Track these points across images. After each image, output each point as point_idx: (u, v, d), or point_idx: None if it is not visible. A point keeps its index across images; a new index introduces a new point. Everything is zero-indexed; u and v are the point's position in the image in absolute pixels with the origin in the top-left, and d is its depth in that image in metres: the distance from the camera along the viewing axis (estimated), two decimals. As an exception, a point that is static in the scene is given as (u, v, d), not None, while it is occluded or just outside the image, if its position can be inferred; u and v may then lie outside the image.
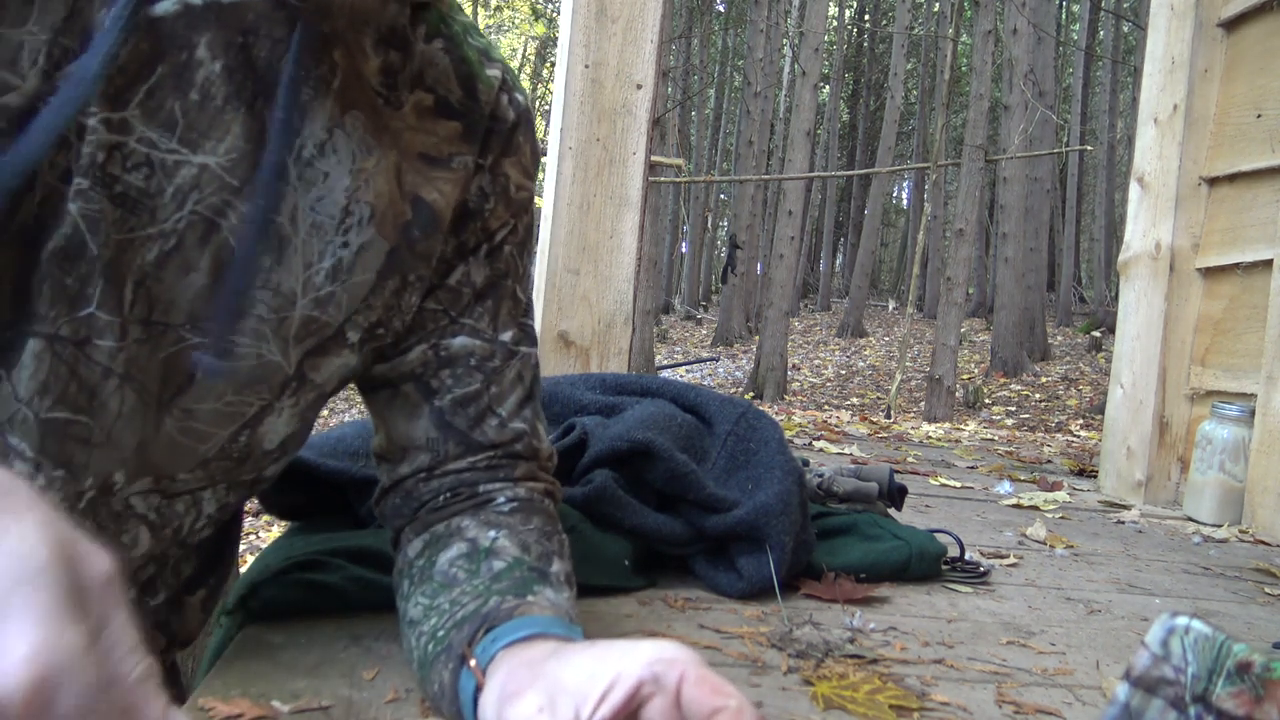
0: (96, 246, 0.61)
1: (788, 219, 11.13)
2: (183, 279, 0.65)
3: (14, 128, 0.57)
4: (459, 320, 0.81)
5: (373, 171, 0.71)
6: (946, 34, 9.92)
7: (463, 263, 0.81)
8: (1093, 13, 20.88)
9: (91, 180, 0.60)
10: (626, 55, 2.27)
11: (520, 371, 0.84)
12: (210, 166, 0.64)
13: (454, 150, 0.78)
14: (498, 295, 0.83)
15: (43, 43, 0.58)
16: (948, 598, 1.23)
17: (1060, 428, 8.03)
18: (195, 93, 0.63)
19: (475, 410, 0.81)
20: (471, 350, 0.81)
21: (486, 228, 0.82)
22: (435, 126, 0.76)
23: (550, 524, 0.82)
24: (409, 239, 0.75)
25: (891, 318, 22.26)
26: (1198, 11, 2.38)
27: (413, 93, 0.75)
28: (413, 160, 0.75)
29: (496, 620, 0.66)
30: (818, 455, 2.66)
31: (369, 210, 0.72)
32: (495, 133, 0.81)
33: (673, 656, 0.53)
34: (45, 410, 0.62)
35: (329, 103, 0.69)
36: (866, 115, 29.71)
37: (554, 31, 23.44)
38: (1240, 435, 2.12)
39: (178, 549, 0.77)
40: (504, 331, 0.83)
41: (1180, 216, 2.39)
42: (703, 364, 14.78)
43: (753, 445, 1.25)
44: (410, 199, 0.75)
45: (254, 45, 0.65)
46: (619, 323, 2.27)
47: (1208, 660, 0.56)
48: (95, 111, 0.60)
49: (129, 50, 0.60)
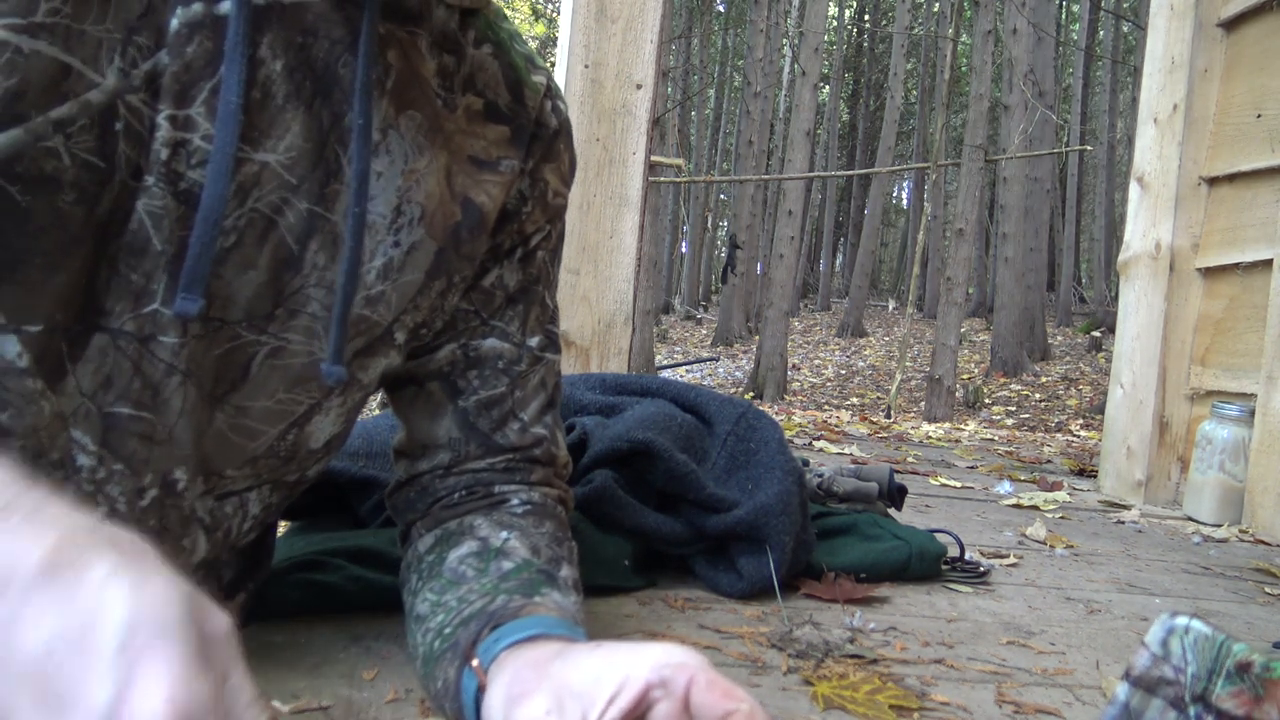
0: (160, 242, 0.61)
1: (788, 219, 11.13)
2: (242, 275, 0.65)
3: (96, 124, 0.58)
4: (490, 322, 0.82)
5: (424, 172, 0.72)
6: (946, 34, 9.92)
7: (497, 265, 0.82)
8: (1093, 13, 20.87)
9: (156, 176, 0.61)
10: (626, 55, 2.27)
11: (544, 378, 0.85)
12: (270, 164, 0.64)
13: (502, 154, 0.79)
14: (529, 300, 0.84)
15: (118, 40, 0.58)
16: (948, 598, 1.23)
17: (1060, 428, 8.03)
18: (257, 91, 0.63)
19: (499, 413, 0.82)
20: (500, 353, 0.82)
21: (522, 231, 0.83)
22: (485, 130, 0.77)
23: (561, 530, 0.82)
24: (456, 240, 0.76)
25: (891, 318, 22.26)
26: (1197, 11, 2.38)
27: (464, 96, 0.76)
28: (463, 162, 0.76)
29: (502, 619, 0.66)
30: (818, 455, 2.66)
31: (419, 210, 0.72)
32: (539, 138, 0.82)
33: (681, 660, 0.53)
34: (109, 405, 0.62)
35: (384, 103, 0.69)
36: (866, 115, 29.70)
37: (554, 31, 23.43)
38: (1240, 435, 2.12)
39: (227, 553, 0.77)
40: (532, 337, 0.84)
41: (1180, 216, 2.39)
42: (703, 364, 14.78)
43: (753, 445, 1.25)
44: (460, 200, 0.76)
45: (313, 45, 0.66)
46: (619, 323, 2.27)
47: (1207, 660, 0.56)
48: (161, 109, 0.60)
49: (194, 48, 0.61)
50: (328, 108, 0.66)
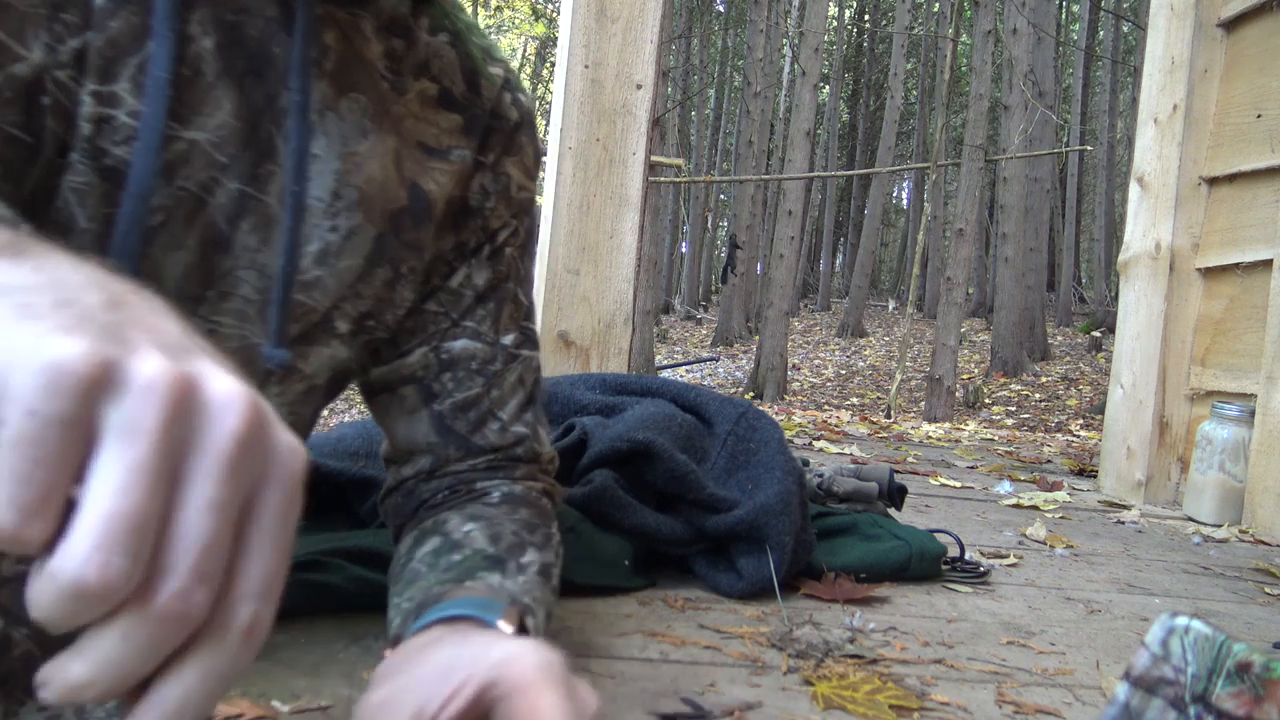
0: (85, 220, 0.60)
1: (788, 219, 11.12)
2: (170, 255, 0.64)
3: (21, 99, 0.57)
4: (460, 323, 0.81)
5: (365, 156, 0.71)
6: (946, 34, 9.92)
7: (464, 264, 0.81)
8: (1093, 13, 20.88)
9: (80, 153, 0.60)
10: (626, 55, 2.27)
11: (522, 375, 0.84)
12: (200, 143, 0.63)
13: (453, 143, 0.78)
14: (499, 298, 0.83)
15: (43, 16, 0.58)
16: (948, 598, 1.23)
17: (1060, 428, 8.03)
18: (186, 68, 0.62)
19: (476, 414, 0.81)
20: (473, 353, 0.81)
21: (488, 227, 0.82)
22: (437, 117, 0.77)
23: (539, 518, 0.81)
24: (398, 226, 0.75)
25: (891, 318, 22.26)
26: (1198, 11, 2.38)
27: (417, 81, 0.75)
28: (412, 148, 0.75)
29: (424, 609, 0.65)
30: (818, 455, 2.66)
31: (358, 195, 0.71)
32: (497, 130, 0.81)
33: (523, 664, 0.51)
34: None
35: (321, 85, 0.68)
36: (866, 115, 29.69)
37: (554, 31, 23.44)
38: (1240, 435, 2.12)
39: None
40: (505, 335, 0.83)
41: (1180, 216, 2.39)
42: (703, 364, 14.78)
43: (753, 445, 1.25)
44: (408, 185, 0.75)
45: (245, 23, 0.65)
46: (619, 323, 2.27)
47: (1208, 660, 0.56)
48: (86, 84, 0.59)
49: (119, 23, 0.60)
50: (261, 87, 0.65)
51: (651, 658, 0.91)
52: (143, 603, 0.30)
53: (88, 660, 0.30)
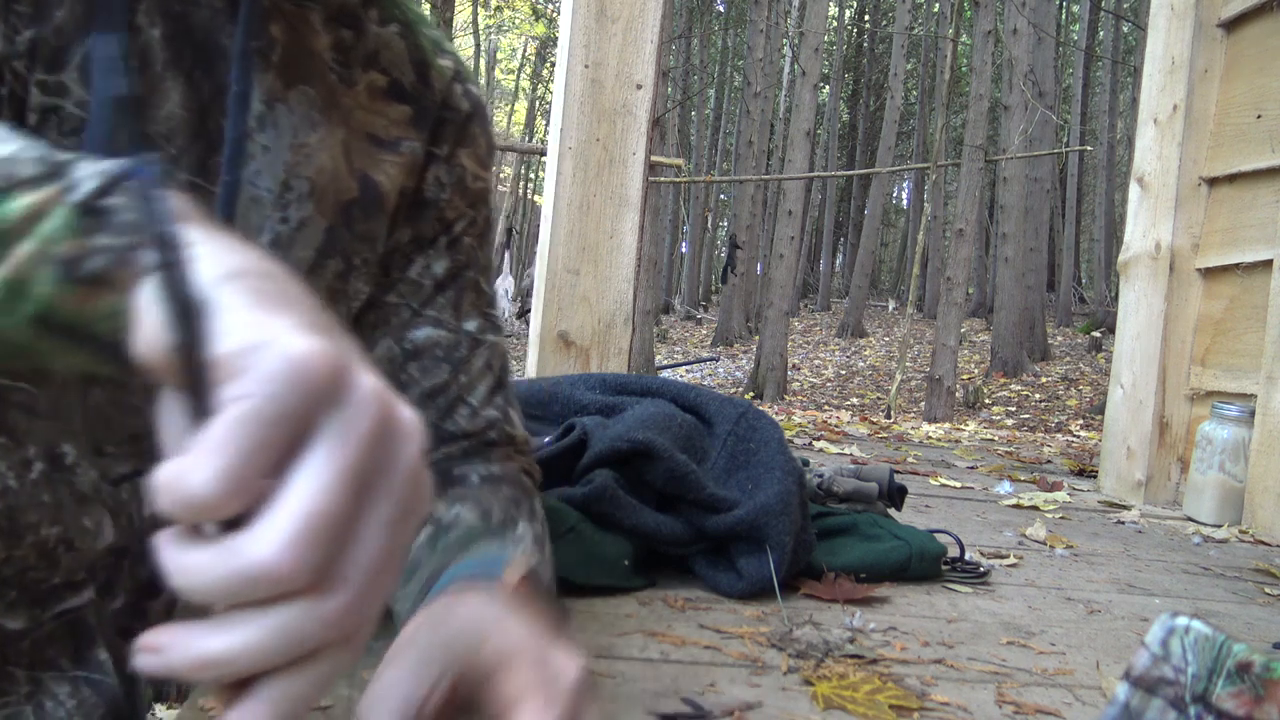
0: None
1: (788, 219, 11.13)
2: None
3: None
4: (421, 312, 0.81)
5: (315, 147, 0.71)
6: (946, 34, 9.92)
7: (422, 255, 0.81)
8: (1093, 13, 20.88)
9: None
10: (626, 55, 2.27)
11: (489, 360, 0.84)
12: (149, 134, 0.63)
13: (402, 134, 0.78)
14: (459, 286, 0.83)
15: None
16: (948, 598, 1.23)
17: (1060, 428, 8.03)
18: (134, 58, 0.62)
19: (445, 401, 0.81)
20: (436, 341, 0.81)
21: (443, 218, 0.82)
22: (386, 109, 0.76)
23: (521, 494, 0.80)
24: (349, 218, 0.74)
25: (891, 318, 22.25)
26: (1198, 12, 2.38)
27: (366, 72, 0.75)
28: (361, 139, 0.75)
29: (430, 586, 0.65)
30: (818, 455, 2.66)
31: (309, 186, 0.71)
32: (449, 122, 0.81)
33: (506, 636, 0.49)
34: None
35: (268, 76, 0.68)
36: (866, 115, 29.69)
37: (554, 31, 23.41)
38: (1240, 435, 2.12)
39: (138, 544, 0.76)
40: (468, 321, 0.83)
41: (1180, 217, 2.39)
42: (703, 364, 14.78)
43: (753, 445, 1.25)
44: (359, 176, 0.75)
45: (193, 14, 0.64)
46: (619, 323, 2.27)
47: (1208, 660, 0.56)
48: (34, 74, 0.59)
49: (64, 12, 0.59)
50: (210, 79, 0.65)
51: (651, 658, 0.91)
52: (313, 603, 0.31)
53: (233, 639, 0.30)
